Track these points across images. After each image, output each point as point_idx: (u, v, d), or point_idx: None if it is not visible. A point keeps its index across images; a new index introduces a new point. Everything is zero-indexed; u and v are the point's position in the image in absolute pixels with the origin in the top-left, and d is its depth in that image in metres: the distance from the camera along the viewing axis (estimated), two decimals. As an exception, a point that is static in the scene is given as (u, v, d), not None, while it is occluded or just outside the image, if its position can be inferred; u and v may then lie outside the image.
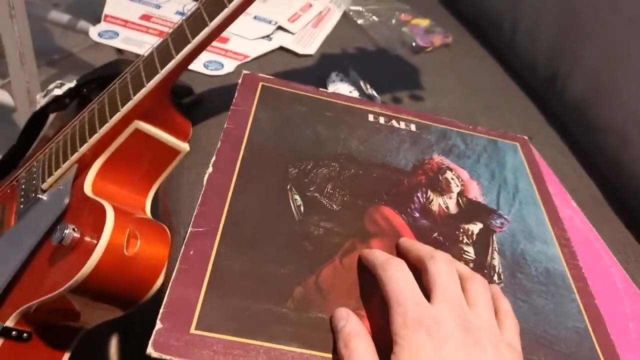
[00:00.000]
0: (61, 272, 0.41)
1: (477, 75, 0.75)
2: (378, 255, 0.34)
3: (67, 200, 0.43)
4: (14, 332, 0.42)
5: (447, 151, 0.49)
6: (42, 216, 0.45)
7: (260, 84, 0.48)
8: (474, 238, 0.42)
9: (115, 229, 0.40)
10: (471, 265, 0.39)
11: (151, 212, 0.49)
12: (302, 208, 0.38)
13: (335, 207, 0.39)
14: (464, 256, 0.40)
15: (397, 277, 0.30)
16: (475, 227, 0.42)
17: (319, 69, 0.66)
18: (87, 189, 0.44)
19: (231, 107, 0.44)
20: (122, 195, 0.47)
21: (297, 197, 0.39)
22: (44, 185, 0.47)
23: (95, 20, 1.25)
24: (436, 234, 0.41)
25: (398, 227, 0.40)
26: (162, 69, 0.43)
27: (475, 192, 0.46)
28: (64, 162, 0.46)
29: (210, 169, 0.38)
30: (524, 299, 0.38)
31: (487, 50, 0.83)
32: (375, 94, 0.61)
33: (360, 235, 0.38)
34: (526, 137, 0.54)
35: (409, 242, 0.37)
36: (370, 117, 0.49)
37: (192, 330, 0.30)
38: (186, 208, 0.47)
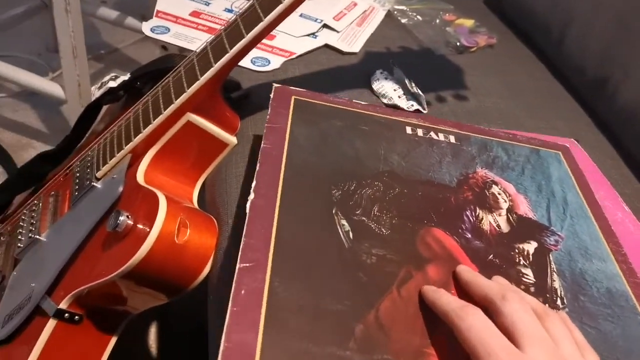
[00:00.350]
0: (114, 257, 0.42)
1: (523, 77, 0.74)
2: (448, 301, 0.31)
3: (121, 189, 0.45)
4: (66, 314, 0.43)
5: (490, 163, 0.47)
6: (97, 203, 0.47)
7: (293, 97, 0.47)
8: (531, 259, 0.40)
9: (167, 217, 0.41)
10: (532, 289, 0.37)
11: (198, 203, 0.50)
12: (350, 234, 0.37)
13: (384, 231, 0.38)
14: (524, 279, 0.38)
15: (478, 324, 0.29)
16: (530, 247, 0.41)
17: (363, 67, 0.66)
18: (140, 177, 0.45)
19: (266, 125, 0.43)
20: (172, 185, 0.48)
21: (344, 222, 0.37)
22: (99, 174, 0.49)
23: (139, 17, 1.29)
24: (491, 256, 0.39)
25: (452, 251, 0.38)
26: (215, 63, 0.44)
27: (524, 208, 0.44)
28: (118, 152, 0.47)
29: (252, 195, 0.36)
30: (591, 325, 0.36)
31: (533, 51, 0.81)
32: (420, 92, 0.61)
33: (415, 262, 0.36)
34: (567, 145, 0.53)
35: (469, 274, 0.34)
36: (408, 130, 0.48)
37: None
38: (233, 199, 0.48)
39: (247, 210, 0.35)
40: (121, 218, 0.41)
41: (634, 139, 0.62)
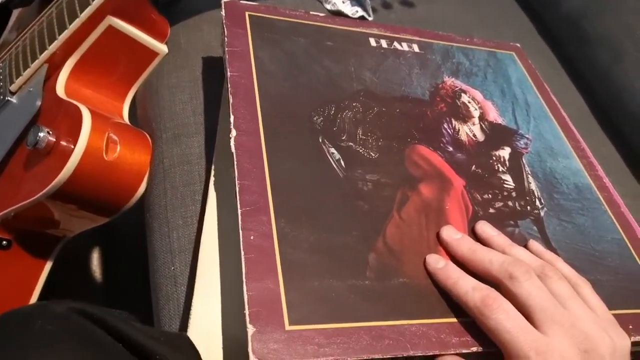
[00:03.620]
0: (38, 177, 0.40)
1: (471, -18, 0.72)
2: (466, 291, 0.30)
3: (38, 102, 0.41)
4: (-7, 240, 0.41)
5: (455, 71, 0.47)
6: (13, 119, 0.43)
7: (247, 14, 0.43)
8: (507, 164, 0.41)
9: (92, 132, 0.38)
10: (514, 194, 0.39)
11: (129, 118, 0.46)
12: (342, 162, 0.36)
13: (373, 154, 0.38)
14: (505, 185, 0.39)
15: (506, 325, 0.28)
16: (505, 153, 0.42)
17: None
18: (60, 90, 0.42)
19: (226, 49, 0.39)
20: (98, 99, 0.45)
21: (333, 150, 0.37)
22: (13, 87, 0.44)
23: None
24: (474, 166, 0.40)
25: (439, 167, 0.39)
26: (135, -43, 0.39)
27: (493, 114, 0.45)
28: (32, 62, 0.43)
29: (233, 132, 0.34)
30: (567, 220, 0.38)
31: (481, -44, 0.78)
32: (364, -3, 0.58)
33: (408, 182, 0.37)
34: (519, 45, 0.53)
35: (468, 251, 0.33)
36: (372, 42, 0.46)
37: (288, 327, 0.28)
38: (167, 112, 0.45)
39: (233, 150, 0.34)
40: (41, 134, 0.38)
41: (577, 45, 0.62)
